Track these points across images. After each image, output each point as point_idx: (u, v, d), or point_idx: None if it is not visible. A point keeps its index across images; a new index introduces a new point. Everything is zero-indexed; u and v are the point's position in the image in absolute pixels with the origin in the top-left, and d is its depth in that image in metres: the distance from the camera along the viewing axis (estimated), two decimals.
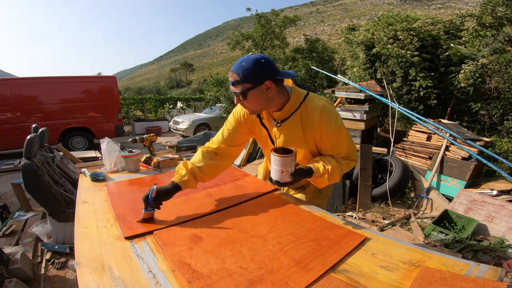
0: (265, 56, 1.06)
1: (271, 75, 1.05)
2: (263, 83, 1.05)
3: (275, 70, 1.06)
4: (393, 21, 4.86)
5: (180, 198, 1.29)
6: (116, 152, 1.76)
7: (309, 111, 1.12)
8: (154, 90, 46.16)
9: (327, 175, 1.12)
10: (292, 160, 1.06)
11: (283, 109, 1.14)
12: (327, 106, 1.12)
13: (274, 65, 1.07)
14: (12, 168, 5.03)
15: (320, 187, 1.22)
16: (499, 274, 0.72)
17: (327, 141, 1.16)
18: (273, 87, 1.07)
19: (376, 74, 4.80)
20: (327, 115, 1.11)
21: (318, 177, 1.13)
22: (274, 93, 1.09)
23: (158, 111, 14.14)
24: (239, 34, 11.20)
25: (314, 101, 1.13)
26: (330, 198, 3.11)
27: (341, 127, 1.14)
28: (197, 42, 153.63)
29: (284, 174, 1.06)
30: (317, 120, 1.11)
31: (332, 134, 1.13)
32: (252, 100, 1.08)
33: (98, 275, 0.76)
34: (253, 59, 1.03)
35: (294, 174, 1.06)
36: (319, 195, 1.38)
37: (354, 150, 1.21)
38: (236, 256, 0.85)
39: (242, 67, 1.03)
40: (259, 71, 1.03)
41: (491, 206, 2.50)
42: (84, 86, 7.00)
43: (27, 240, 2.50)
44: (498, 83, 3.72)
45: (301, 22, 42.83)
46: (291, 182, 1.08)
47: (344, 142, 1.16)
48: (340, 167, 1.16)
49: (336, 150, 1.17)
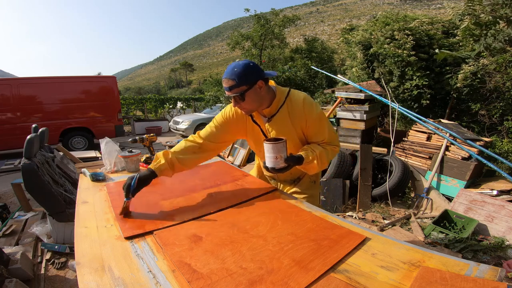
0: (251, 61, 1.20)
1: (260, 75, 1.18)
2: (256, 83, 1.17)
3: (262, 71, 1.20)
4: (390, 21, 4.86)
5: (180, 197, 1.30)
6: (116, 152, 1.76)
7: (294, 104, 1.26)
8: (154, 90, 46.15)
9: (316, 160, 1.23)
10: (283, 147, 1.15)
11: (272, 105, 1.27)
12: (308, 97, 1.28)
13: (259, 67, 1.20)
14: (12, 168, 5.03)
15: (311, 173, 1.33)
16: (499, 274, 0.72)
17: (312, 128, 1.29)
18: (264, 86, 1.20)
19: (374, 74, 4.80)
20: (309, 104, 1.25)
21: (308, 163, 1.23)
22: (265, 91, 1.22)
23: (158, 111, 14.13)
24: (238, 34, 11.20)
25: (296, 94, 1.28)
26: (330, 198, 3.11)
27: (322, 114, 1.29)
28: (197, 42, 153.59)
29: (278, 160, 1.16)
30: (301, 109, 1.25)
31: (316, 121, 1.27)
32: (249, 100, 1.19)
33: (98, 275, 0.76)
34: (243, 64, 1.16)
35: (287, 159, 1.16)
36: (313, 185, 1.51)
37: (335, 135, 1.35)
38: (236, 256, 0.85)
39: (235, 72, 1.14)
40: (251, 73, 1.16)
41: (491, 206, 2.50)
42: (84, 86, 7.00)
43: (27, 240, 2.50)
44: (497, 83, 3.73)
45: (301, 22, 42.78)
46: (286, 167, 1.17)
47: (325, 128, 1.30)
48: (326, 153, 1.28)
49: (320, 136, 1.30)
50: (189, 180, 1.57)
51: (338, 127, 4.17)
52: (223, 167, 1.80)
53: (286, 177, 1.50)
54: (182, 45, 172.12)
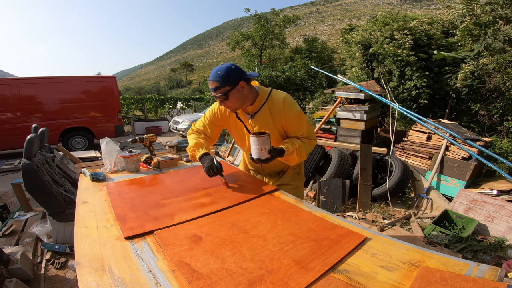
0: (234, 64, 1.33)
1: (241, 77, 1.30)
2: (238, 84, 1.29)
3: (244, 73, 1.32)
4: (390, 21, 4.86)
5: (180, 197, 1.30)
6: (116, 152, 1.76)
7: (275, 102, 1.39)
8: (154, 90, 46.11)
9: (296, 152, 1.36)
10: (267, 139, 1.28)
11: (255, 103, 1.39)
12: (288, 97, 1.40)
13: (241, 69, 1.33)
14: (12, 168, 5.03)
15: (292, 164, 1.46)
16: (499, 274, 0.72)
17: (291, 124, 1.41)
18: (246, 86, 1.33)
19: (374, 74, 4.80)
20: (289, 103, 1.38)
21: (289, 155, 1.35)
22: (247, 91, 1.35)
23: (158, 111, 14.13)
24: (239, 34, 11.20)
25: (278, 94, 1.41)
26: (330, 198, 3.11)
27: (301, 112, 1.41)
28: (197, 42, 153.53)
29: (263, 152, 1.28)
30: (281, 107, 1.37)
31: (295, 118, 1.39)
32: (233, 99, 1.32)
33: (98, 275, 0.76)
34: (226, 67, 1.29)
35: (270, 151, 1.29)
36: (297, 176, 1.63)
37: (313, 130, 1.49)
38: (236, 256, 0.85)
39: (219, 75, 1.28)
40: (233, 75, 1.28)
41: (491, 206, 2.50)
42: (84, 86, 6.99)
43: (27, 240, 2.50)
44: (497, 83, 3.72)
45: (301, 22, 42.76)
46: (270, 158, 1.30)
47: (304, 124, 1.42)
48: (305, 146, 1.41)
49: (299, 131, 1.43)
50: (189, 180, 1.57)
51: (338, 127, 4.17)
52: (223, 167, 1.80)
53: (271, 169, 1.60)
54: (182, 45, 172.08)
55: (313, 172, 3.60)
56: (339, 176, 3.26)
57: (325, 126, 4.30)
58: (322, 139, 4.21)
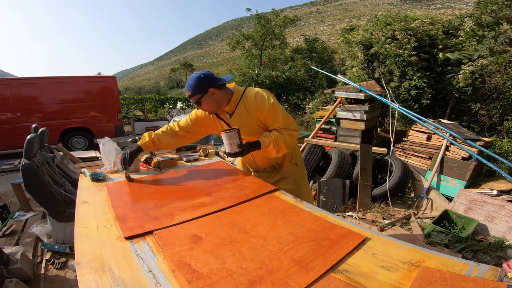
0: (204, 72, 1.44)
1: (211, 84, 1.40)
2: (208, 91, 1.40)
3: (214, 80, 1.42)
4: (391, 21, 4.86)
5: (180, 197, 1.30)
6: (115, 152, 1.76)
7: (248, 99, 1.47)
8: (154, 90, 46.10)
9: (272, 144, 1.40)
10: (235, 134, 1.33)
11: (230, 103, 1.49)
12: (260, 92, 1.47)
13: (212, 76, 1.43)
14: (12, 168, 5.02)
15: (273, 156, 1.49)
16: (499, 274, 0.72)
17: (267, 117, 1.46)
18: (217, 91, 1.42)
19: (374, 74, 4.80)
20: (260, 97, 1.44)
21: (265, 147, 1.41)
22: (220, 95, 1.44)
23: (158, 111, 14.13)
24: (239, 34, 11.20)
25: (250, 91, 1.49)
26: (330, 198, 3.11)
27: (274, 104, 1.44)
28: (197, 42, 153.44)
29: (232, 146, 1.34)
30: (254, 103, 1.45)
31: (269, 111, 1.44)
32: (205, 104, 1.46)
33: (98, 275, 0.76)
34: (195, 77, 1.41)
35: (240, 145, 1.35)
36: (296, 167, 1.65)
37: (291, 121, 1.51)
38: (236, 256, 0.85)
39: (190, 85, 1.42)
40: (202, 84, 1.40)
41: (491, 206, 2.50)
42: (84, 86, 6.99)
43: (27, 240, 2.50)
44: (497, 83, 3.73)
45: (301, 22, 42.75)
46: (240, 152, 1.36)
47: (279, 115, 1.46)
48: (283, 137, 1.44)
49: (275, 123, 1.47)
50: (189, 180, 1.57)
51: (338, 127, 4.17)
52: (223, 167, 1.80)
53: (264, 165, 1.65)
54: (182, 45, 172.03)
55: (313, 172, 3.60)
56: (339, 176, 3.26)
57: (325, 126, 4.30)
58: (322, 139, 4.21)
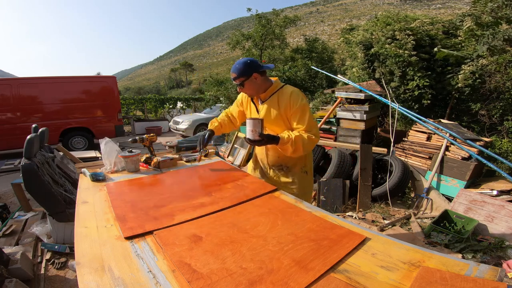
0: (250, 58, 1.59)
1: (256, 69, 1.54)
2: (252, 75, 1.54)
3: (258, 66, 1.57)
4: (391, 21, 4.86)
5: (180, 197, 1.30)
6: (115, 152, 1.76)
7: (284, 94, 1.58)
8: (154, 90, 46.08)
9: (291, 142, 1.46)
10: (259, 123, 1.42)
11: (267, 92, 1.62)
12: (296, 90, 1.58)
13: (257, 62, 1.58)
14: (12, 168, 5.02)
15: (288, 154, 1.53)
16: (499, 274, 0.72)
17: (294, 114, 1.55)
18: (259, 77, 1.56)
19: (375, 74, 4.80)
20: (295, 95, 1.55)
21: (283, 143, 1.46)
22: (261, 81, 1.58)
23: (158, 111, 14.12)
24: (239, 34, 11.19)
25: (288, 88, 1.61)
26: (330, 198, 3.11)
27: (305, 105, 1.55)
28: (197, 42, 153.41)
29: (254, 133, 1.42)
30: (288, 98, 1.55)
31: (298, 109, 1.53)
32: (247, 87, 1.59)
33: (98, 275, 0.76)
34: (242, 62, 1.56)
35: (261, 134, 1.43)
36: (305, 176, 1.72)
37: (315, 126, 1.56)
38: (236, 256, 0.85)
39: (236, 68, 1.56)
40: (247, 68, 1.54)
41: (491, 206, 2.50)
42: (84, 86, 6.99)
43: (27, 240, 2.50)
44: (498, 83, 3.72)
45: (301, 22, 42.79)
46: (259, 141, 1.44)
47: (306, 117, 1.53)
48: (302, 139, 1.48)
49: (300, 123, 1.53)
50: (189, 180, 1.58)
51: (338, 127, 4.17)
52: (223, 167, 1.80)
53: (274, 160, 1.71)
54: (182, 45, 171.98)
55: (313, 172, 3.60)
56: (339, 176, 3.26)
57: (325, 126, 4.30)
58: (322, 139, 4.21)
